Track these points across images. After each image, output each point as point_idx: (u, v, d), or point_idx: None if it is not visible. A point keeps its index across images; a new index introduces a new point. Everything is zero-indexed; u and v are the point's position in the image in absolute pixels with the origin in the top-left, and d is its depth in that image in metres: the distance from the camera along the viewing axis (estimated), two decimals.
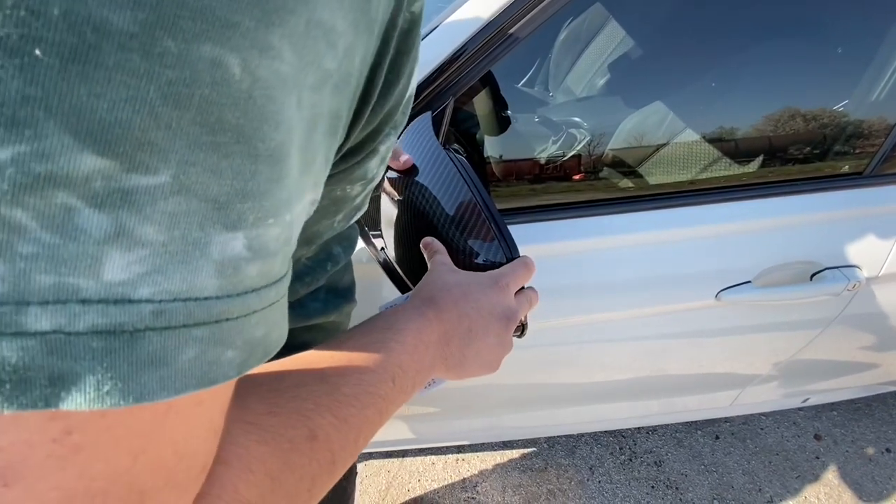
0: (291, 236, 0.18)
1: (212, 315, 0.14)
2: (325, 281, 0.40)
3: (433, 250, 0.42)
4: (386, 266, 0.55)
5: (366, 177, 0.29)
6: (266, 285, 0.16)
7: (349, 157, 0.26)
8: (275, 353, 0.18)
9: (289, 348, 0.38)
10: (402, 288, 0.52)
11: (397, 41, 0.22)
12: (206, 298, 0.14)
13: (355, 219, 0.36)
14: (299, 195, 0.17)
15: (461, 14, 0.62)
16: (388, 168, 0.57)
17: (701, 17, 0.73)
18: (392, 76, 0.23)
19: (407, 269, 0.51)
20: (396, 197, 0.49)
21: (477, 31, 0.61)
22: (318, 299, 0.41)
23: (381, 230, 0.56)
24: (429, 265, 0.41)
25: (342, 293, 0.44)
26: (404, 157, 0.46)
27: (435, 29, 0.63)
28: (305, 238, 0.32)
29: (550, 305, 0.75)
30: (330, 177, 0.25)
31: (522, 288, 0.41)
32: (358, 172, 0.28)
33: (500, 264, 0.41)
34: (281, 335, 0.18)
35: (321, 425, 0.24)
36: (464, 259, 0.42)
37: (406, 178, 0.48)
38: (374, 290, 0.72)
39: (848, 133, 0.74)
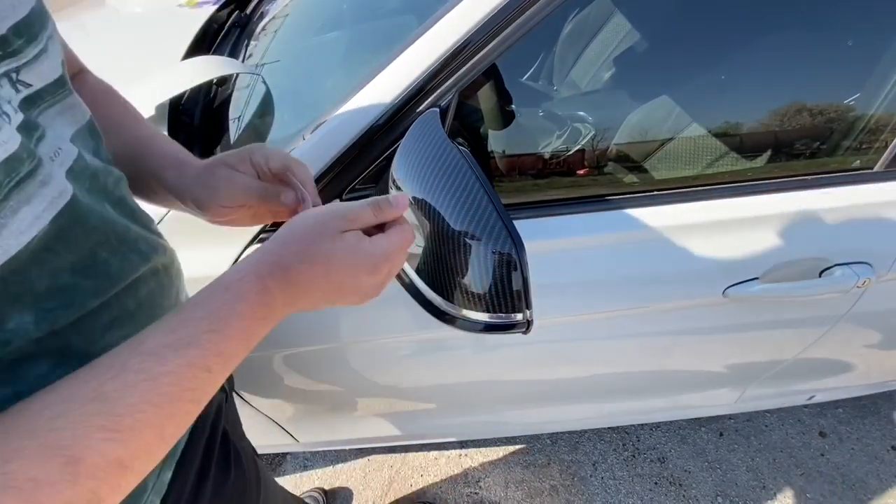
0: None
1: None
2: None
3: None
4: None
5: None
6: None
7: None
8: None
9: None
10: (409, 288, 0.52)
11: None
12: None
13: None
14: None
15: (465, 6, 0.61)
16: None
17: (708, 8, 0.72)
18: None
19: (414, 265, 0.50)
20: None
21: (480, 23, 0.60)
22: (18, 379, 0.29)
23: None
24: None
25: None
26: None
27: (438, 21, 0.62)
28: None
29: (555, 302, 0.75)
30: None
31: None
32: None
33: (508, 255, 0.41)
34: None
35: (87, 446, 0.23)
36: (467, 249, 0.42)
37: (412, 174, 0.47)
38: None
39: (859, 127, 0.73)
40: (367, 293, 0.35)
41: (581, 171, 0.76)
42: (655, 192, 0.73)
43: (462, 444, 1.36)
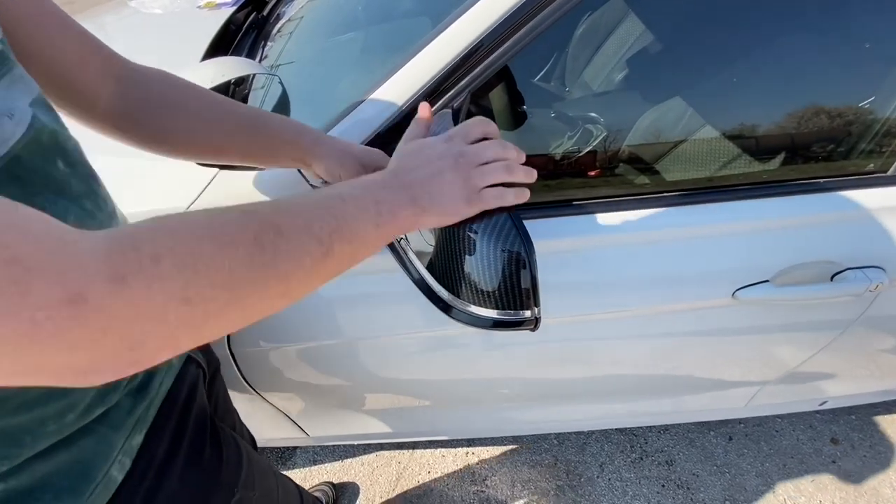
0: None
1: None
2: None
3: (417, 119, 0.47)
4: (400, 257, 0.55)
5: None
6: None
7: None
8: None
9: None
10: (420, 284, 0.53)
11: None
12: None
13: None
14: None
15: (478, 8, 0.62)
16: None
17: (721, 10, 0.72)
18: None
19: (425, 262, 0.52)
20: None
21: (494, 25, 0.61)
22: None
23: None
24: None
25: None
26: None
27: (452, 23, 0.63)
28: None
29: (564, 301, 0.75)
30: None
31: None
32: None
33: (518, 254, 0.41)
34: None
35: (262, 210, 0.31)
36: (476, 245, 0.43)
37: None
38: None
39: (873, 131, 0.73)
40: (459, 171, 0.41)
41: (592, 172, 0.76)
42: (666, 194, 0.73)
43: (469, 442, 1.37)
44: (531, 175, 0.44)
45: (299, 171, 0.66)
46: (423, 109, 0.48)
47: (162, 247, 0.25)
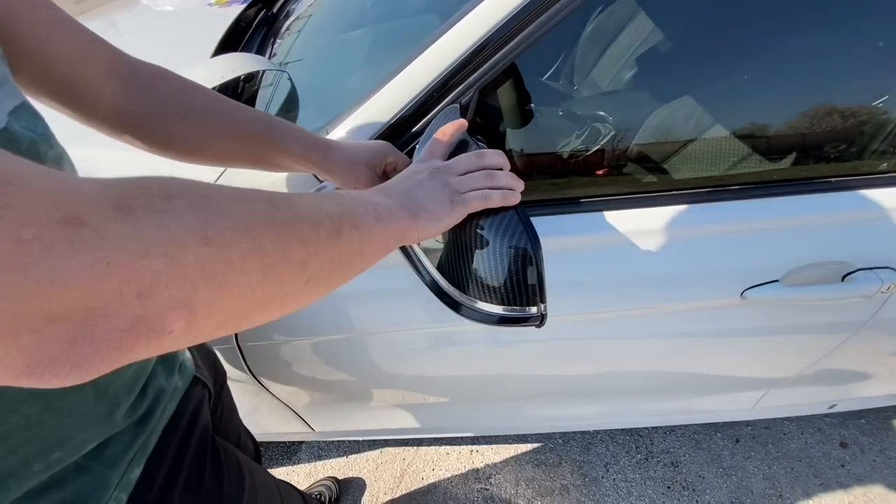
0: None
1: None
2: None
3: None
4: (410, 256, 0.56)
5: None
6: None
7: None
8: None
9: None
10: (427, 279, 0.53)
11: None
12: None
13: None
14: None
15: (486, 5, 0.62)
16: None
17: (731, 8, 0.71)
18: None
19: (433, 259, 0.52)
20: None
21: (502, 22, 0.61)
22: None
23: None
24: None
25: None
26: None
27: (460, 20, 0.63)
28: None
29: (570, 300, 0.75)
30: None
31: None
32: None
33: (525, 250, 0.41)
34: None
35: (267, 191, 0.29)
36: (484, 242, 0.43)
37: None
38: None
39: (886, 130, 0.72)
40: (436, 179, 0.43)
41: (600, 171, 0.76)
42: (675, 192, 0.73)
43: (474, 440, 1.37)
44: (516, 181, 0.45)
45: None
46: (454, 128, 0.49)
47: (173, 189, 0.22)
